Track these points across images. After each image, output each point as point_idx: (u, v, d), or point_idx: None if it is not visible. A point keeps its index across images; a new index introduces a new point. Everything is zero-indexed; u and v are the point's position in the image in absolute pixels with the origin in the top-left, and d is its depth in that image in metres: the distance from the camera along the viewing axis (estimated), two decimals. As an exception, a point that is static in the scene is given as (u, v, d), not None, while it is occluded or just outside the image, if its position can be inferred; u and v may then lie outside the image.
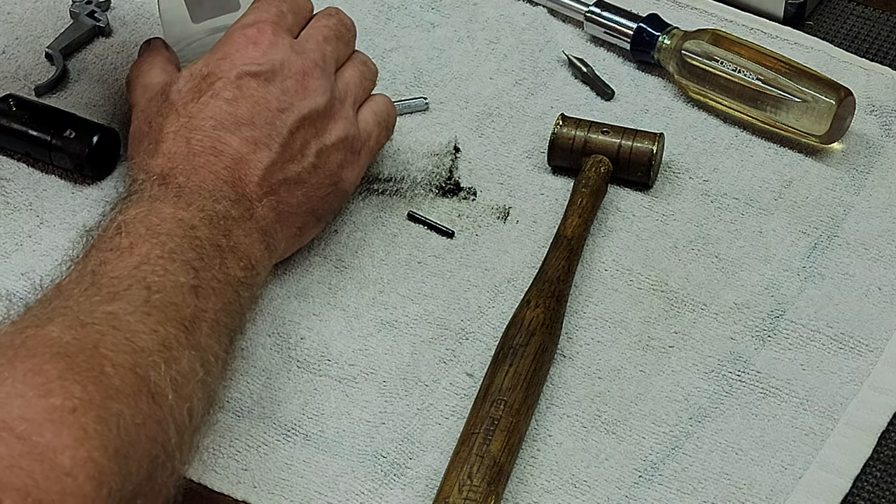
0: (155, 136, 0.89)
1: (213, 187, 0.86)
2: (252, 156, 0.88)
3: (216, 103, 0.89)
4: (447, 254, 0.97)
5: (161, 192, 0.85)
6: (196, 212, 0.84)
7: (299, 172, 0.90)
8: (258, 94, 0.89)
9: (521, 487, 0.84)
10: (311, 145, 0.91)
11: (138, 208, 0.84)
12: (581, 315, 0.93)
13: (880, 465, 0.86)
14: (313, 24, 0.95)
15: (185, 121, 0.88)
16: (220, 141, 0.88)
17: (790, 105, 1.01)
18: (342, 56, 0.96)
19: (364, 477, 0.85)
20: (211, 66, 0.90)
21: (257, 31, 0.91)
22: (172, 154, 0.87)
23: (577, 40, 1.12)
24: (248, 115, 0.89)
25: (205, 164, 0.87)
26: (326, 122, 0.92)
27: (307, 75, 0.91)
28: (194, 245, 0.82)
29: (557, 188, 1.01)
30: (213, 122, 0.88)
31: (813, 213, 0.99)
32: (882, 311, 0.93)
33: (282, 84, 0.90)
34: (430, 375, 0.90)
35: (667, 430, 0.87)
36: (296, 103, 0.90)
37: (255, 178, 0.88)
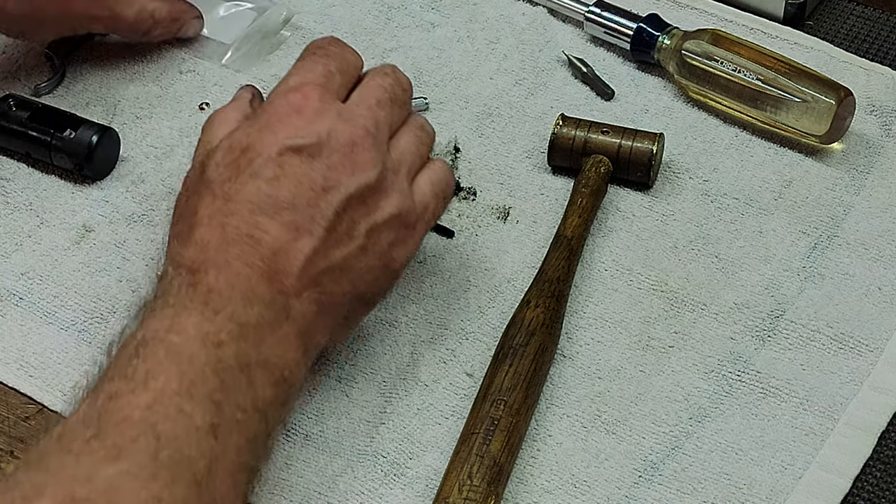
0: (189, 218, 0.81)
1: (247, 286, 0.78)
2: (292, 244, 0.79)
3: (255, 184, 0.80)
4: (447, 254, 0.97)
5: (188, 296, 0.77)
6: (224, 322, 0.76)
7: (346, 257, 0.82)
8: (301, 172, 0.80)
9: (521, 487, 0.84)
10: (360, 225, 0.82)
11: (161, 320, 0.76)
12: (581, 315, 0.93)
13: (880, 465, 0.86)
14: (366, 83, 0.86)
15: (221, 203, 0.80)
16: (258, 227, 0.79)
17: (790, 105, 1.01)
18: (397, 121, 0.86)
19: (364, 477, 0.85)
20: (252, 138, 0.82)
21: (302, 96, 0.83)
22: (205, 243, 0.79)
23: (577, 40, 1.12)
24: (290, 196, 0.80)
25: (239, 255, 0.79)
26: (378, 197, 0.83)
27: (356, 146, 0.82)
28: (218, 370, 0.75)
29: (557, 188, 1.01)
30: (251, 205, 0.80)
31: (813, 213, 0.99)
32: (882, 311, 0.93)
33: (328, 159, 0.81)
34: (430, 375, 0.90)
35: (667, 430, 0.87)
36: (343, 180, 0.81)
37: (296, 269, 0.79)
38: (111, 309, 0.94)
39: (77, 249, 0.98)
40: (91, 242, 0.99)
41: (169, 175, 1.03)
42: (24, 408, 0.90)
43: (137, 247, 0.98)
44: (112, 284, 0.96)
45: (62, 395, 0.90)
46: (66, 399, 0.89)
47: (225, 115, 0.87)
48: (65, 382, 0.90)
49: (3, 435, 0.88)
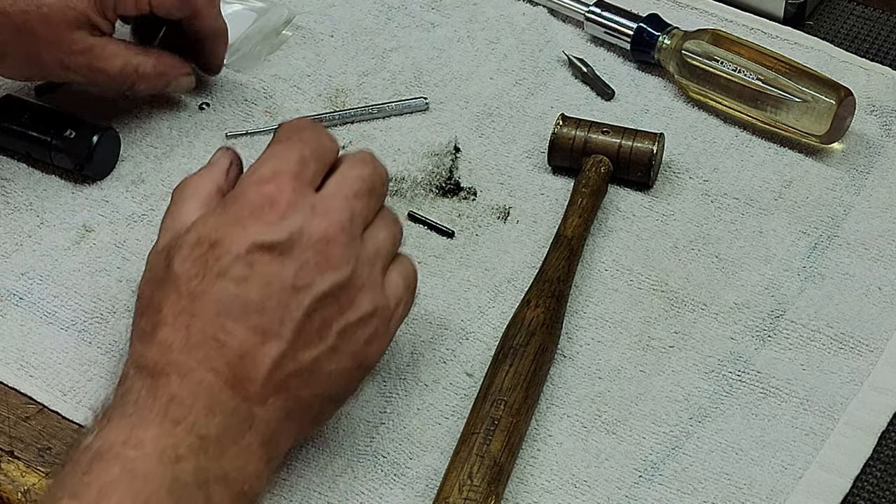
0: (153, 315, 0.77)
1: (209, 393, 0.75)
2: (259, 348, 0.76)
3: (223, 284, 0.76)
4: (447, 254, 0.97)
5: (147, 405, 0.74)
6: (184, 434, 0.73)
7: (316, 359, 0.78)
8: (271, 272, 0.77)
9: (521, 487, 0.84)
10: (333, 325, 0.79)
11: (118, 432, 0.73)
12: (581, 315, 0.93)
13: (880, 465, 0.86)
14: (344, 172, 0.82)
15: (187, 303, 0.76)
16: (224, 330, 0.76)
17: (790, 105, 1.01)
18: (372, 212, 0.82)
19: (364, 477, 0.85)
20: (221, 233, 0.78)
21: (275, 187, 0.78)
22: (168, 344, 0.76)
23: (577, 40, 1.12)
24: (258, 298, 0.76)
25: (203, 360, 0.75)
26: (351, 295, 0.79)
27: (330, 242, 0.78)
28: (174, 489, 0.71)
29: (557, 188, 1.01)
30: (218, 307, 0.76)
31: (813, 213, 0.99)
32: (882, 311, 0.93)
33: (300, 257, 0.77)
34: (430, 375, 0.90)
35: (667, 430, 0.87)
36: (315, 279, 0.78)
37: (261, 375, 0.76)
38: (111, 309, 0.94)
39: (77, 249, 0.98)
40: (91, 242, 0.99)
41: (169, 175, 1.03)
42: (24, 408, 0.90)
43: (137, 247, 0.98)
44: (112, 284, 0.96)
45: (62, 395, 0.90)
46: (67, 399, 0.89)
47: (197, 185, 0.84)
48: (65, 382, 0.90)
49: (3, 435, 0.88)
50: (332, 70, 1.10)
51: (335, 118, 1.06)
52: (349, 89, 1.08)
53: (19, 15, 0.96)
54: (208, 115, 1.07)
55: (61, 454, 0.86)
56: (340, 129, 1.06)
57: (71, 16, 0.97)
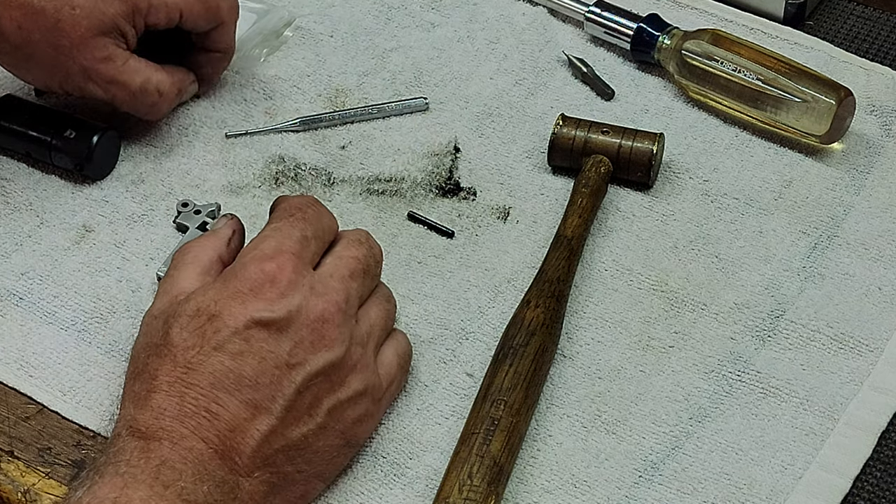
0: (148, 381, 0.79)
1: (199, 461, 0.76)
2: (249, 423, 0.78)
3: (219, 358, 0.78)
4: (447, 254, 0.97)
5: (139, 466, 0.75)
6: (173, 498, 0.74)
7: (304, 435, 0.80)
8: (266, 348, 0.79)
9: (521, 487, 0.84)
10: (323, 403, 0.80)
11: (110, 489, 0.74)
12: (581, 315, 0.93)
13: (880, 465, 0.86)
14: (340, 252, 0.85)
15: (182, 373, 0.78)
16: (217, 402, 0.77)
17: (790, 105, 1.01)
18: (367, 292, 0.85)
19: (364, 477, 0.85)
20: (220, 306, 0.79)
21: (277, 266, 0.80)
22: (162, 411, 0.77)
23: (577, 40, 1.12)
24: (253, 373, 0.78)
25: (196, 429, 0.77)
26: (343, 374, 0.81)
27: (326, 322, 0.80)
28: None
29: (557, 188, 1.01)
30: (213, 379, 0.78)
31: (813, 213, 0.99)
32: (882, 311, 0.93)
33: (296, 335, 0.79)
34: (430, 375, 0.90)
35: (667, 430, 0.87)
36: (309, 357, 0.79)
37: (249, 449, 0.77)
38: (111, 309, 0.94)
39: (77, 249, 0.98)
40: (91, 242, 0.98)
41: (169, 175, 1.03)
42: (24, 408, 0.90)
43: (137, 247, 0.98)
44: (112, 284, 0.96)
45: (62, 395, 0.89)
46: (67, 399, 0.89)
47: (199, 252, 0.85)
48: (65, 382, 0.90)
49: (3, 435, 0.88)
50: (332, 70, 1.10)
51: (335, 118, 1.06)
52: (349, 89, 1.08)
53: (53, 13, 0.96)
54: (208, 114, 1.07)
55: (61, 454, 0.86)
56: (340, 129, 1.06)
57: (100, 20, 0.97)
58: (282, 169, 1.02)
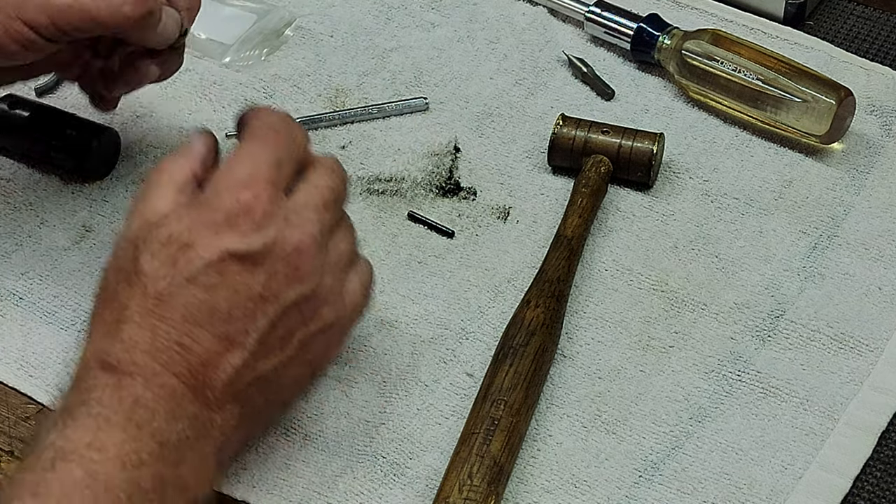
0: (118, 310, 0.76)
1: (172, 398, 0.74)
2: (222, 356, 0.76)
3: (192, 290, 0.75)
4: (447, 254, 0.97)
5: (112, 406, 0.73)
6: (147, 439, 0.72)
7: (275, 367, 0.78)
8: (240, 281, 0.76)
9: (521, 487, 0.84)
10: (295, 336, 0.78)
11: (83, 432, 0.72)
12: (581, 315, 0.93)
13: (880, 465, 0.86)
14: (315, 181, 0.81)
15: (154, 304, 0.75)
16: (189, 335, 0.75)
17: (790, 105, 1.01)
18: (337, 220, 0.82)
19: (363, 477, 0.85)
20: (193, 236, 0.76)
21: (252, 196, 0.77)
22: (134, 343, 0.75)
23: (577, 40, 1.12)
24: (226, 307, 0.76)
25: (168, 364, 0.75)
26: (315, 306, 0.79)
27: (301, 255, 0.78)
28: (133, 495, 0.71)
29: (557, 188, 1.01)
30: (186, 312, 0.75)
31: (813, 213, 0.99)
32: (882, 311, 0.93)
33: (270, 267, 0.77)
34: (430, 375, 0.90)
35: (667, 430, 0.87)
36: (283, 290, 0.77)
37: (221, 383, 0.76)
38: (111, 309, 0.94)
39: (77, 249, 0.98)
40: (91, 242, 0.98)
41: (169, 175, 1.03)
42: (24, 408, 0.90)
43: (137, 247, 0.98)
44: (112, 284, 0.96)
45: (62, 395, 0.90)
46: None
47: (173, 171, 0.80)
48: (65, 382, 0.90)
49: (3, 435, 0.88)
50: (332, 70, 1.10)
51: (335, 118, 1.06)
52: (349, 89, 1.08)
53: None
54: (208, 115, 1.07)
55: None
56: (340, 129, 1.06)
57: None
58: (282, 169, 1.02)
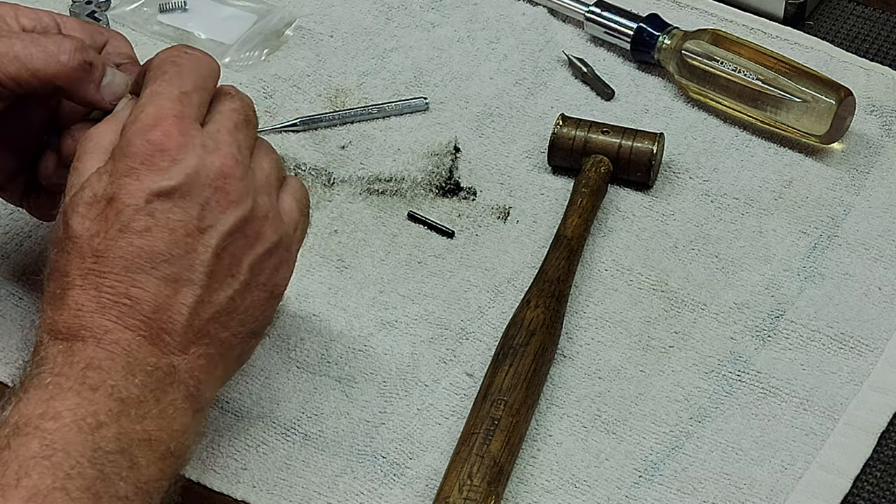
0: (60, 279, 0.75)
1: (127, 353, 0.73)
2: (173, 298, 0.74)
3: (127, 238, 0.74)
4: (447, 254, 0.97)
5: (64, 373, 0.72)
6: (104, 400, 0.71)
7: (231, 297, 0.77)
8: (174, 218, 0.75)
9: (521, 487, 0.84)
10: (243, 261, 0.77)
11: (35, 404, 0.71)
12: (581, 315, 0.93)
13: (880, 465, 0.86)
14: (219, 108, 0.79)
15: (92, 263, 0.74)
16: (135, 285, 0.74)
17: (790, 105, 1.01)
18: (252, 142, 0.80)
19: (364, 477, 0.85)
20: (115, 187, 0.75)
21: (162, 133, 0.75)
22: (80, 307, 0.74)
23: (577, 40, 1.12)
24: (165, 247, 0.74)
25: (118, 318, 0.73)
26: (257, 227, 0.78)
27: (228, 178, 0.76)
28: (96, 458, 0.69)
29: (557, 188, 1.01)
30: (125, 262, 0.74)
31: (813, 213, 0.99)
32: (882, 311, 0.93)
33: (199, 196, 0.75)
34: (430, 375, 0.90)
35: (667, 430, 0.87)
36: (219, 217, 0.76)
37: (179, 325, 0.74)
38: (111, 309, 0.94)
39: (77, 249, 0.98)
40: (91, 242, 0.98)
41: (169, 175, 1.03)
42: (23, 408, 0.90)
43: (137, 247, 0.98)
44: (112, 284, 0.96)
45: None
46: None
47: (99, 137, 0.79)
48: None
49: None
50: (332, 70, 1.10)
51: (335, 118, 1.06)
52: (349, 89, 1.08)
53: None
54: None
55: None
56: (340, 129, 1.06)
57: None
58: (282, 169, 1.02)
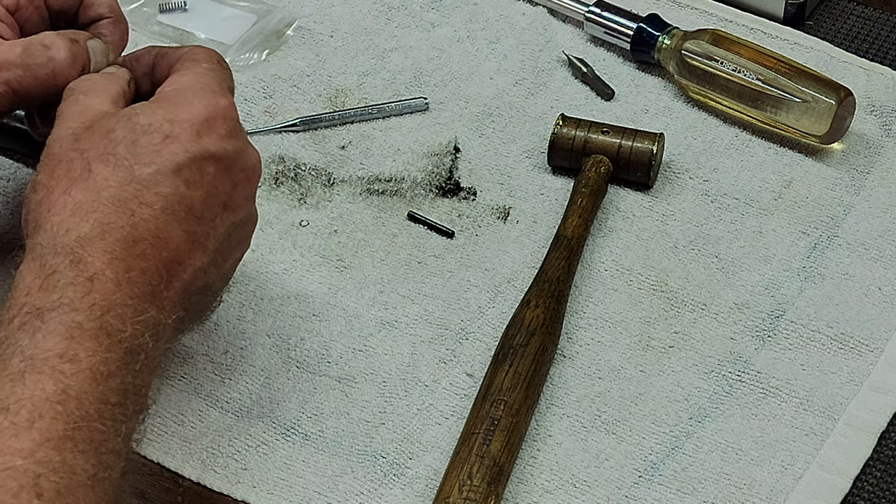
0: (95, 191, 0.73)
1: (140, 300, 0.72)
2: (188, 255, 0.75)
3: (176, 182, 0.74)
4: (447, 254, 0.97)
5: (85, 313, 0.70)
6: (116, 348, 0.71)
7: (214, 281, 0.79)
8: (213, 184, 0.76)
9: (521, 487, 0.84)
10: (234, 253, 0.80)
11: (54, 340, 0.69)
12: (581, 315, 0.93)
13: (880, 465, 0.86)
14: None
15: (136, 189, 0.73)
16: (166, 229, 0.74)
17: (790, 105, 1.01)
18: None
19: (364, 477, 0.85)
20: (176, 129, 0.76)
21: (228, 104, 0.78)
22: (109, 228, 0.72)
23: (577, 40, 1.12)
24: (201, 206, 0.76)
25: (141, 256, 0.73)
26: (250, 229, 0.81)
27: (255, 174, 0.80)
28: (102, 410, 0.69)
29: (557, 188, 1.01)
30: (166, 202, 0.74)
31: (813, 213, 0.99)
32: (882, 311, 0.93)
33: (236, 176, 0.78)
34: (430, 375, 0.90)
35: (667, 430, 0.87)
36: (240, 205, 0.78)
37: (180, 283, 0.75)
38: (111, 309, 0.94)
39: (77, 249, 0.98)
40: (91, 242, 0.98)
41: (169, 175, 1.02)
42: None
43: (137, 247, 0.98)
44: (112, 284, 0.96)
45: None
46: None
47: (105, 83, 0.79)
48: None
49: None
50: (332, 70, 1.10)
51: (335, 118, 1.06)
52: (349, 89, 1.08)
53: None
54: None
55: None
56: (340, 129, 1.06)
57: None
58: (282, 169, 1.02)
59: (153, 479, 0.85)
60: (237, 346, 0.91)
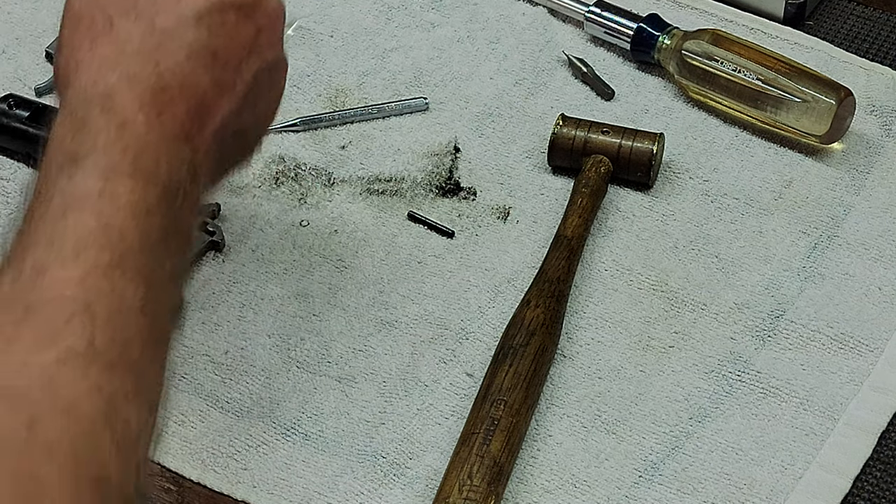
0: (119, 43, 0.74)
1: (174, 142, 0.73)
2: (216, 101, 0.75)
3: (197, 29, 0.75)
4: (447, 254, 0.97)
5: (120, 153, 0.71)
6: (152, 187, 0.71)
7: (245, 127, 0.80)
8: (235, 30, 0.76)
9: (521, 487, 0.84)
10: (261, 98, 0.80)
11: (93, 179, 0.70)
12: (581, 315, 0.93)
13: (880, 465, 0.86)
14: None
15: (160, 39, 0.74)
16: (193, 75, 0.74)
17: (790, 105, 1.01)
18: None
19: (364, 477, 0.85)
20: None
21: None
22: (136, 78, 0.73)
23: (577, 40, 1.12)
24: (224, 52, 0.76)
25: (170, 103, 0.73)
26: (279, 77, 0.82)
27: (278, 19, 0.79)
28: (145, 244, 0.70)
29: (557, 188, 1.01)
30: (189, 51, 0.74)
31: (813, 213, 0.99)
32: (882, 311, 0.93)
33: (259, 21, 0.77)
34: (430, 375, 0.90)
35: (667, 430, 0.87)
36: (264, 49, 0.78)
37: (212, 128, 0.75)
38: (111, 309, 0.94)
39: (77, 249, 0.98)
40: (91, 242, 0.98)
41: (169, 175, 1.02)
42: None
43: (137, 247, 0.98)
44: (112, 284, 0.96)
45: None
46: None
47: None
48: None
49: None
50: (332, 70, 1.10)
51: (335, 118, 1.06)
52: (349, 89, 1.08)
53: None
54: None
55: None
56: (340, 129, 1.06)
57: None
58: (282, 169, 1.02)
59: (153, 479, 0.85)
60: (237, 346, 0.91)
